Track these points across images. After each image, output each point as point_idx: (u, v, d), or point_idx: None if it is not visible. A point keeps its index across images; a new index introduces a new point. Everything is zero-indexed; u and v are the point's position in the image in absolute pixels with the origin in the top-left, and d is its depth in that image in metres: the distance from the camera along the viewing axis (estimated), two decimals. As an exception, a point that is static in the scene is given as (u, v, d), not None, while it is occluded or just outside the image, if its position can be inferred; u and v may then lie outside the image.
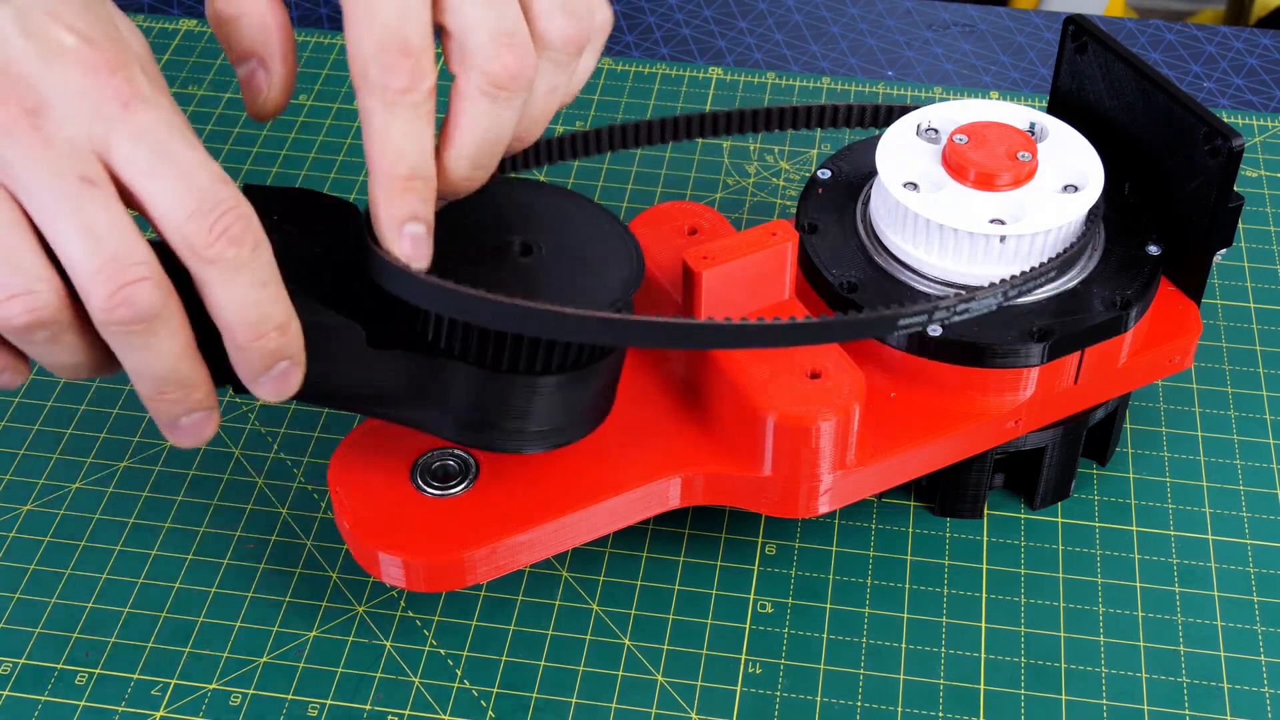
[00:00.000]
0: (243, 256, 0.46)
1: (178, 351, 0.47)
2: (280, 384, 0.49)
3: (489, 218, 0.52)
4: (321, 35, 0.85)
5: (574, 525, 0.55)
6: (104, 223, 0.44)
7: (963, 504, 0.61)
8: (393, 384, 0.51)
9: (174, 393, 0.48)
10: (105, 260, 0.44)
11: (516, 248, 0.51)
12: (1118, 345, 0.57)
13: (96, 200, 0.44)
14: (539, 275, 0.51)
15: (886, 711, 0.56)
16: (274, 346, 0.47)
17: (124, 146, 0.45)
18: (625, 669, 0.57)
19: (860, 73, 0.84)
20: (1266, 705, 0.56)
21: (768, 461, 0.55)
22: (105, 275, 0.44)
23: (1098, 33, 0.60)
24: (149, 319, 0.45)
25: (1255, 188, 0.76)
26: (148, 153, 0.45)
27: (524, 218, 0.53)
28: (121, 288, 0.44)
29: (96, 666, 0.57)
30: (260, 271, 0.46)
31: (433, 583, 0.54)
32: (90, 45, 0.45)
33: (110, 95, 0.45)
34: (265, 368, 0.48)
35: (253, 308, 0.46)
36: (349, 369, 0.50)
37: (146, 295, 0.45)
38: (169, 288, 0.46)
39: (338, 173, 0.77)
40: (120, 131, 0.45)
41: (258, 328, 0.47)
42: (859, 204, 0.60)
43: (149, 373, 0.47)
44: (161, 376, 0.47)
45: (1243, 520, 0.62)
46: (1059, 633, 0.58)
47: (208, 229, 0.45)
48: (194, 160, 0.45)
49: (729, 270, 0.55)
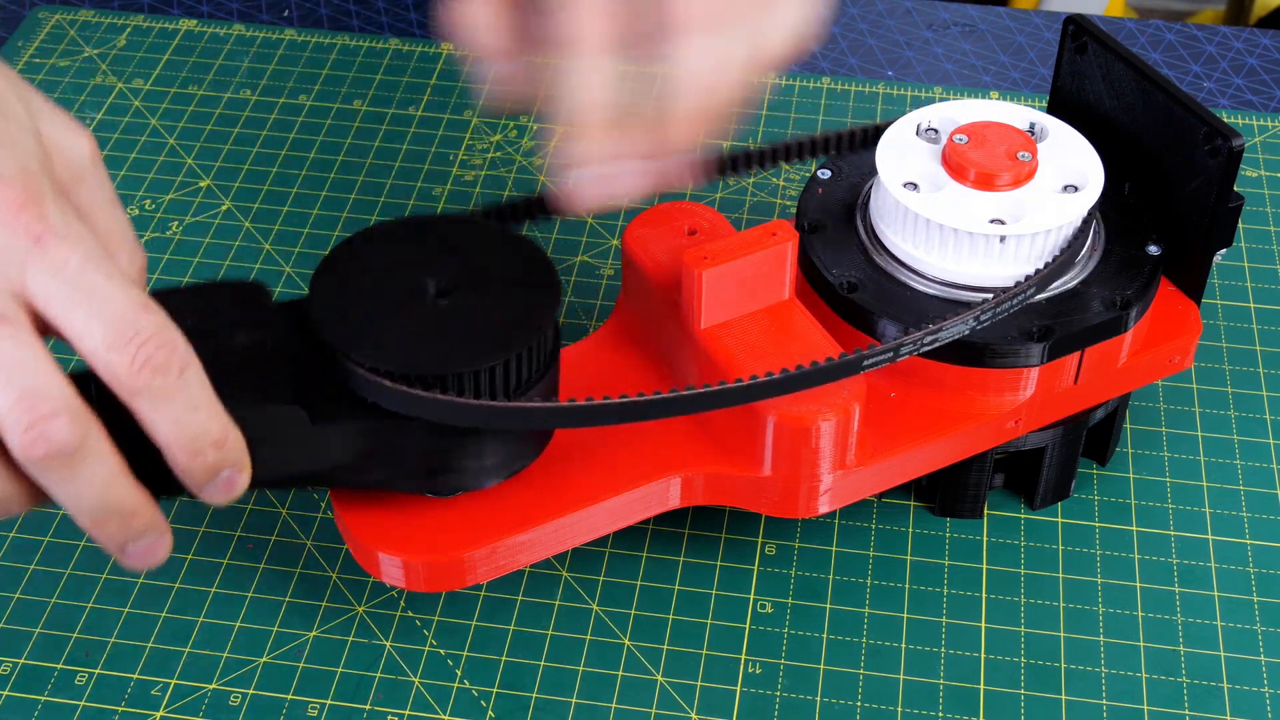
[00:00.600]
0: (170, 384, 0.46)
1: (106, 480, 0.46)
2: (227, 490, 0.49)
3: (401, 260, 0.53)
4: (321, 35, 0.86)
5: (574, 525, 0.55)
6: (15, 359, 0.44)
7: (963, 504, 0.61)
8: (344, 455, 0.51)
9: (113, 521, 0.47)
10: (17, 397, 0.44)
11: (431, 290, 0.52)
12: (1118, 345, 0.57)
13: (7, 337, 0.44)
14: (456, 316, 0.51)
15: (886, 711, 0.56)
16: (213, 461, 0.48)
17: (40, 281, 0.45)
18: (625, 669, 0.57)
19: (860, 73, 0.84)
20: (1266, 705, 0.56)
21: (768, 461, 0.55)
22: (19, 412, 0.44)
23: (1098, 33, 0.60)
24: (68, 453, 0.45)
25: (1255, 188, 0.76)
26: (64, 287, 0.45)
27: (437, 255, 0.53)
28: (35, 423, 0.44)
29: (96, 666, 0.57)
30: (190, 395, 0.46)
31: (433, 583, 0.54)
32: (1, 182, 0.45)
33: (22, 232, 0.44)
34: (209, 479, 0.48)
35: (187, 428, 0.46)
36: (298, 452, 0.50)
37: (62, 429, 0.44)
38: (88, 419, 0.45)
39: (338, 173, 0.77)
40: (35, 268, 0.45)
41: (194, 446, 0.47)
42: (859, 204, 0.60)
43: (82, 506, 0.47)
44: (95, 507, 0.47)
45: (1243, 520, 0.62)
46: (1059, 633, 0.58)
47: (129, 359, 0.45)
48: (111, 290, 0.45)
49: (729, 270, 0.55)
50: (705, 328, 0.56)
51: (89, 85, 0.82)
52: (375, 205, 0.75)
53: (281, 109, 0.81)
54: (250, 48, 0.85)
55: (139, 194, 0.76)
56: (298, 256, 0.72)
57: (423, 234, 0.53)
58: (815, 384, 0.53)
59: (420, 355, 0.49)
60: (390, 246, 0.53)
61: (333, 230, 0.74)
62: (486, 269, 0.52)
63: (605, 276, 0.71)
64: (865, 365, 0.53)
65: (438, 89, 0.82)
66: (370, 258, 0.52)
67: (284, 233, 0.74)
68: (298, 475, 0.51)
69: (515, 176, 0.77)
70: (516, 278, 0.52)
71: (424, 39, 0.86)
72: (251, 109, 0.81)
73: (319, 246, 0.73)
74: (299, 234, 0.73)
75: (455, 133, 0.79)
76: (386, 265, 0.52)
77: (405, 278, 0.52)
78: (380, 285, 0.51)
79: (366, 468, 0.52)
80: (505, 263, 0.53)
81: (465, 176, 0.77)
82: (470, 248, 0.53)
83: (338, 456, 0.51)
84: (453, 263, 0.52)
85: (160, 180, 0.77)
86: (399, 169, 0.77)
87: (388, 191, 0.76)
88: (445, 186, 0.76)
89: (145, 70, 0.83)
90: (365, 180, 0.77)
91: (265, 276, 0.71)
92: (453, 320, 0.51)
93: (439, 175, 0.77)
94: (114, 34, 0.86)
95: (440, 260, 0.52)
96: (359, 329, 0.50)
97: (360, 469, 0.51)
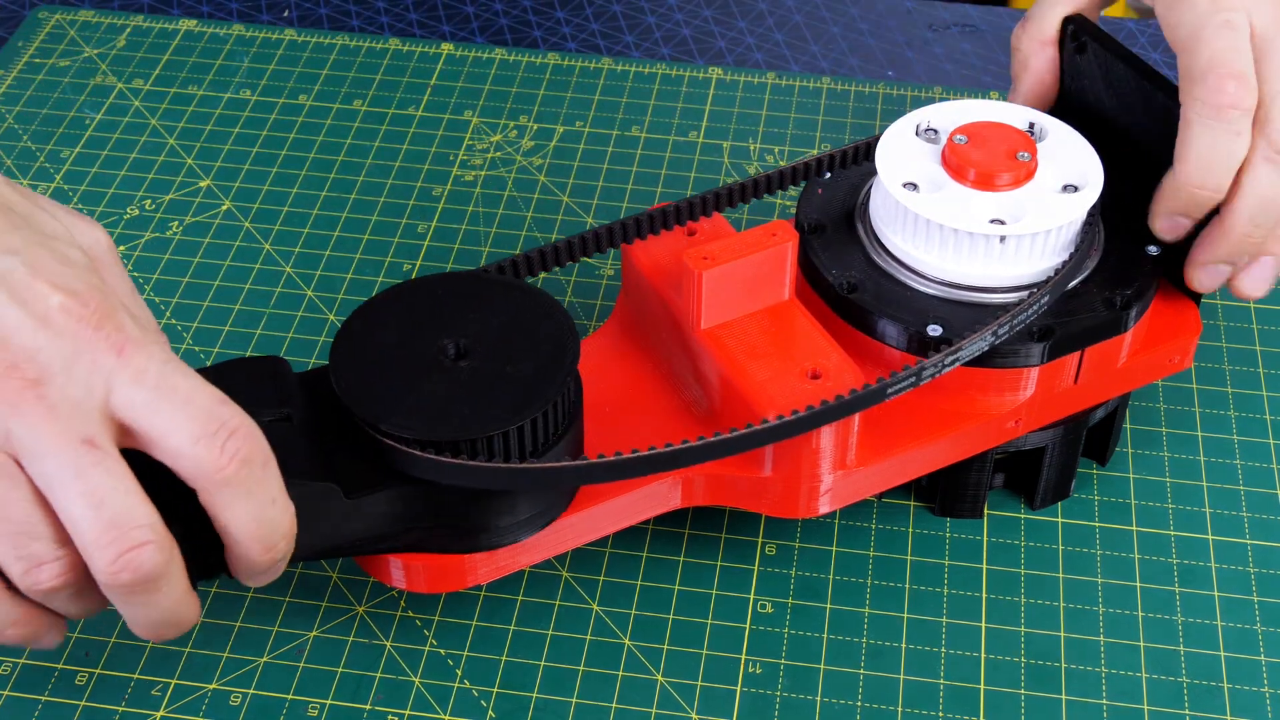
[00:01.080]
0: (254, 475, 0.46)
1: (177, 599, 0.48)
2: (272, 576, 0.50)
3: (417, 323, 0.53)
4: (321, 35, 0.86)
5: (574, 526, 0.55)
6: (106, 486, 0.45)
7: (963, 504, 0.61)
8: (378, 524, 0.51)
9: (170, 631, 0.49)
10: (107, 525, 0.45)
11: (450, 352, 0.52)
12: (1117, 345, 0.57)
13: (99, 464, 0.45)
14: (477, 378, 0.51)
15: (886, 711, 0.56)
16: (281, 555, 0.49)
17: (125, 391, 0.45)
18: (625, 669, 0.57)
19: (860, 73, 0.84)
20: (1266, 705, 0.56)
21: (768, 462, 0.55)
22: (107, 540, 0.45)
23: (1098, 33, 0.60)
24: (152, 580, 0.46)
25: (1255, 188, 0.76)
26: (148, 392, 0.46)
27: (451, 315, 0.53)
28: (124, 553, 0.45)
29: (96, 666, 0.57)
30: (271, 487, 0.47)
31: (434, 584, 0.54)
32: (76, 299, 0.46)
33: (104, 347, 0.45)
34: (266, 571, 0.49)
35: (267, 525, 0.47)
36: (332, 527, 0.51)
37: (149, 558, 0.45)
38: (171, 545, 0.46)
39: (338, 173, 0.77)
40: (119, 379, 0.45)
41: (270, 539, 0.48)
42: (859, 204, 0.60)
43: (146, 623, 0.48)
44: (159, 621, 0.48)
45: (1243, 520, 0.62)
46: (1059, 633, 0.58)
47: (218, 451, 0.46)
48: (193, 387, 0.46)
49: (728, 271, 0.55)
50: (705, 328, 0.56)
51: (89, 85, 0.82)
52: (375, 205, 0.75)
53: (281, 109, 0.81)
54: (250, 48, 0.85)
55: (139, 194, 0.76)
56: (298, 256, 0.72)
57: (434, 293, 0.54)
58: (843, 416, 0.53)
59: (447, 422, 0.49)
60: (404, 310, 0.53)
61: (332, 230, 0.74)
62: (502, 325, 0.52)
63: (605, 276, 0.71)
64: (890, 393, 0.53)
65: (438, 89, 0.82)
66: (385, 323, 0.53)
67: (284, 233, 0.74)
68: (330, 548, 0.51)
69: (515, 176, 0.77)
70: (533, 331, 0.52)
71: (424, 39, 0.86)
72: (251, 109, 0.81)
73: (319, 246, 0.73)
74: (299, 234, 0.73)
75: (455, 133, 0.79)
76: (402, 330, 0.52)
77: (423, 341, 0.52)
78: (399, 351, 0.52)
79: (401, 534, 0.52)
80: (520, 317, 0.53)
81: (465, 176, 0.77)
82: (483, 304, 0.53)
83: (373, 526, 0.51)
84: (468, 321, 0.53)
85: (160, 180, 0.77)
86: (399, 169, 0.77)
87: (388, 191, 0.76)
88: (445, 186, 0.76)
89: (145, 70, 0.83)
90: (365, 180, 0.77)
91: (265, 277, 0.71)
92: (475, 382, 0.51)
93: (439, 175, 0.77)
94: (114, 34, 0.86)
95: (455, 320, 0.53)
96: (384, 399, 0.50)
97: (395, 535, 0.52)
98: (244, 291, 0.71)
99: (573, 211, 0.75)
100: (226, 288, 0.71)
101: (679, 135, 0.79)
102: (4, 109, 0.81)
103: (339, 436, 0.51)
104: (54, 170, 0.77)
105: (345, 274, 0.72)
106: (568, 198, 0.76)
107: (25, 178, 0.76)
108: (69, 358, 0.45)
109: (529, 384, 0.51)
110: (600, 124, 0.80)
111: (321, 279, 0.71)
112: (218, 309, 0.70)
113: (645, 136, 0.79)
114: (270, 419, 0.50)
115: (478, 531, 0.52)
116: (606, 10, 0.89)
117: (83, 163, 0.77)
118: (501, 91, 0.82)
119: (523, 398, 0.50)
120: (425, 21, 0.87)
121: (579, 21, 0.88)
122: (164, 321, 0.69)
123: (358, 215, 0.75)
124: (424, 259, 0.72)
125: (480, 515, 0.52)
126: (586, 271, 0.72)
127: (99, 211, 0.75)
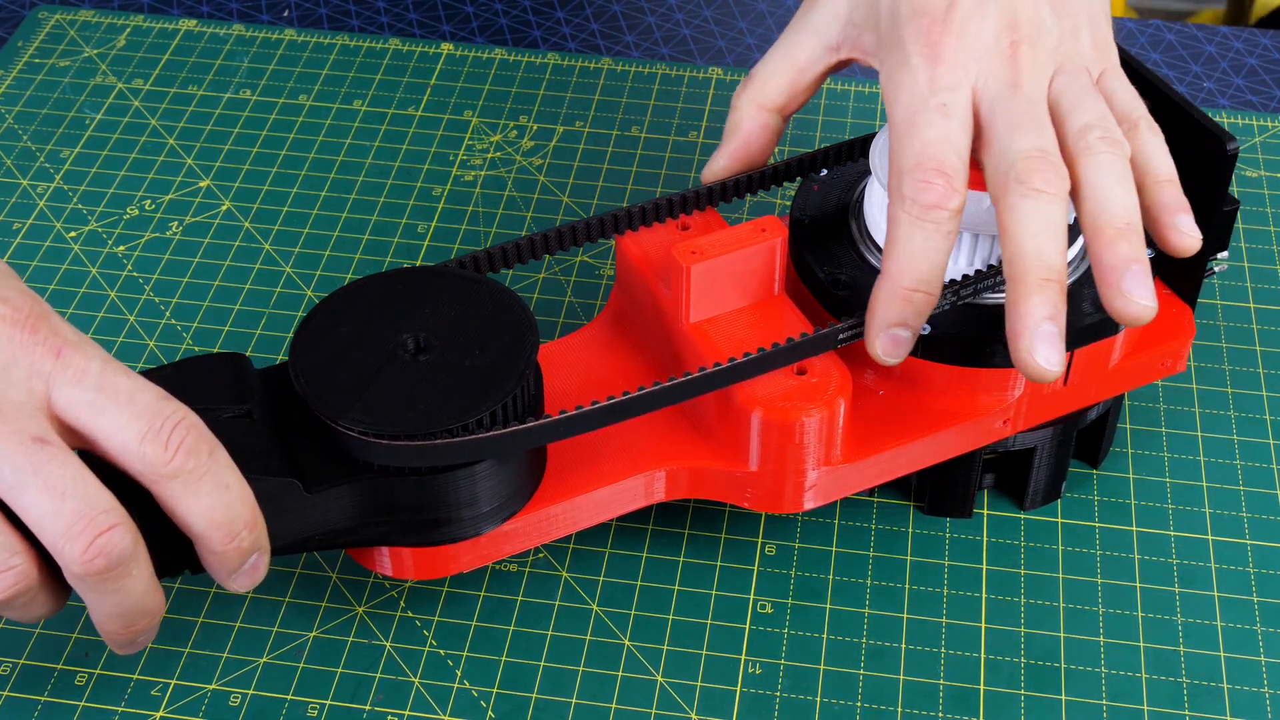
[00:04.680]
0: (201, 464, 0.47)
1: (146, 585, 0.48)
2: (253, 575, 0.50)
3: (376, 318, 0.53)
4: (321, 35, 0.86)
5: (558, 516, 0.55)
6: (66, 477, 0.45)
7: (951, 503, 0.61)
8: (340, 518, 0.51)
9: (140, 622, 0.49)
10: (74, 515, 0.45)
11: (410, 346, 0.52)
12: (1109, 347, 0.57)
13: (54, 458, 0.45)
14: (437, 371, 0.51)
15: (886, 712, 0.56)
16: (248, 544, 0.49)
17: (66, 392, 0.46)
18: (625, 669, 0.57)
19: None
20: (1266, 705, 0.56)
21: (753, 456, 0.55)
22: (78, 529, 0.45)
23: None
24: (124, 563, 0.46)
25: (1255, 188, 0.76)
26: (90, 392, 0.46)
27: (411, 310, 0.53)
28: (96, 538, 0.45)
29: (96, 666, 0.57)
30: (221, 474, 0.47)
31: (419, 570, 0.54)
32: (7, 304, 0.46)
33: (41, 350, 0.46)
34: (240, 564, 0.49)
35: (222, 511, 0.47)
36: (296, 521, 0.51)
37: (120, 540, 0.46)
38: (135, 528, 0.46)
39: (338, 173, 0.77)
40: (59, 380, 0.46)
41: (230, 529, 0.48)
42: (853, 201, 0.60)
43: (119, 613, 0.48)
44: (130, 610, 0.48)
45: (1243, 520, 0.62)
46: (1059, 633, 0.58)
47: (163, 446, 0.46)
48: (135, 386, 0.47)
49: (717, 265, 0.55)
50: (694, 322, 0.56)
51: (89, 85, 0.82)
52: (375, 205, 0.75)
53: (281, 109, 0.81)
54: (250, 48, 0.85)
55: (139, 194, 0.76)
56: (298, 256, 0.72)
57: (394, 288, 0.54)
58: (791, 360, 0.53)
59: (405, 415, 0.50)
60: (363, 305, 0.53)
61: (332, 230, 0.74)
62: (462, 318, 0.53)
63: (605, 276, 0.71)
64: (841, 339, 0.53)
65: (438, 89, 0.82)
66: (345, 319, 0.53)
67: (284, 233, 0.74)
68: (295, 543, 0.52)
69: (515, 177, 0.77)
70: (492, 325, 0.53)
71: (424, 39, 0.86)
72: (251, 109, 0.81)
73: (319, 247, 0.73)
74: (299, 234, 0.74)
75: (455, 133, 0.79)
76: (362, 325, 0.53)
77: (383, 336, 0.52)
78: (359, 346, 0.52)
79: (360, 529, 0.52)
80: (479, 310, 0.53)
81: (465, 176, 0.77)
82: (442, 298, 0.54)
83: (336, 519, 0.51)
84: (428, 315, 0.53)
85: (160, 180, 0.77)
86: (399, 169, 0.77)
87: (388, 192, 0.76)
88: (445, 186, 0.76)
89: (145, 70, 0.83)
90: (365, 180, 0.77)
91: (265, 277, 0.71)
92: (434, 376, 0.51)
93: (439, 175, 0.77)
94: (114, 34, 0.86)
95: (415, 314, 0.53)
96: (344, 394, 0.50)
97: (355, 530, 0.52)
98: (244, 291, 0.71)
99: (572, 211, 0.75)
100: (226, 288, 0.71)
101: (679, 135, 0.79)
102: (4, 109, 0.81)
103: (301, 432, 0.51)
104: (54, 170, 0.77)
105: (345, 274, 0.72)
106: (567, 198, 0.76)
107: (25, 178, 0.76)
108: (6, 362, 0.45)
109: (488, 377, 0.51)
110: (600, 124, 0.80)
111: (321, 279, 0.71)
112: (218, 309, 0.70)
113: (645, 136, 0.79)
114: (231, 415, 0.51)
115: (442, 524, 0.52)
116: (606, 10, 0.89)
117: (83, 163, 0.77)
118: (501, 91, 0.82)
119: (482, 390, 0.51)
120: (425, 21, 0.88)
121: (579, 21, 0.88)
122: (164, 321, 0.69)
123: (358, 215, 0.75)
124: (424, 259, 0.72)
125: (441, 507, 0.52)
126: (586, 271, 0.72)
127: (99, 211, 0.75)
